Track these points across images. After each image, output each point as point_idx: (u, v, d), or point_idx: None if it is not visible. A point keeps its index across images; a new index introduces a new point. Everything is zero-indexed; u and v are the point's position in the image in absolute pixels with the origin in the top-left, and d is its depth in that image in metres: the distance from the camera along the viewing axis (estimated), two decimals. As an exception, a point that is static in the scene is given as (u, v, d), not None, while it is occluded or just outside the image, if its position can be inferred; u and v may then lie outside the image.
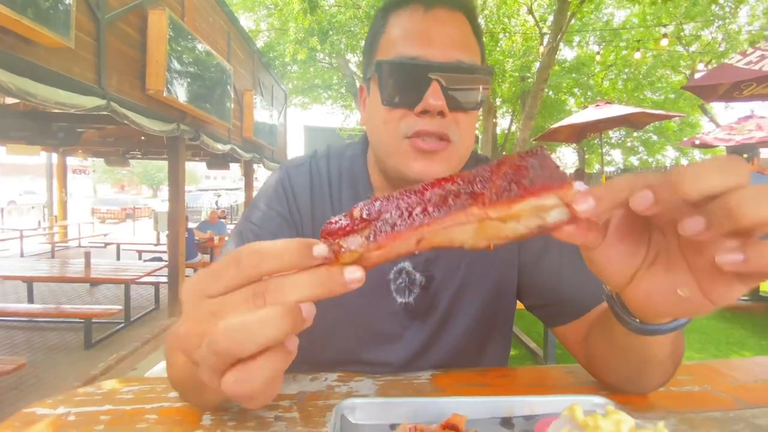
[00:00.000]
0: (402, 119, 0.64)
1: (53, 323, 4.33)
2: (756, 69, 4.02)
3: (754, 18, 12.92)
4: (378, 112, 0.66)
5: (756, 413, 0.58)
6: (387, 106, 0.64)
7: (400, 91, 0.63)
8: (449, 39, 0.63)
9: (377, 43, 0.68)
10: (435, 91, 0.60)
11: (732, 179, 0.26)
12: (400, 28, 0.65)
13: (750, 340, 3.47)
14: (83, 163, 18.27)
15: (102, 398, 0.59)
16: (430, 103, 0.60)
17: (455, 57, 0.63)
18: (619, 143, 19.14)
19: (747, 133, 7.72)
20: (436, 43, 0.62)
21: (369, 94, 0.70)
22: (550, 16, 10.96)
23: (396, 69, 0.63)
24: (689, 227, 0.27)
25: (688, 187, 0.26)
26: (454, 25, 0.65)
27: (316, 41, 11.01)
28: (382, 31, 0.68)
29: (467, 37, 0.66)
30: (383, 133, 0.66)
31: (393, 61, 0.63)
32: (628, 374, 0.59)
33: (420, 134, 0.62)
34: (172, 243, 5.08)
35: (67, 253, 9.30)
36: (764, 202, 0.25)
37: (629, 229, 0.34)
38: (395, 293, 0.73)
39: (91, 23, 3.30)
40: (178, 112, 4.67)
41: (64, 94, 2.95)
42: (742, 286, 0.30)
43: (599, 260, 0.35)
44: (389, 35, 0.66)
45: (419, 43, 0.63)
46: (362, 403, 0.53)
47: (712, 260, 0.29)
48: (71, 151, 8.59)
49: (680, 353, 0.58)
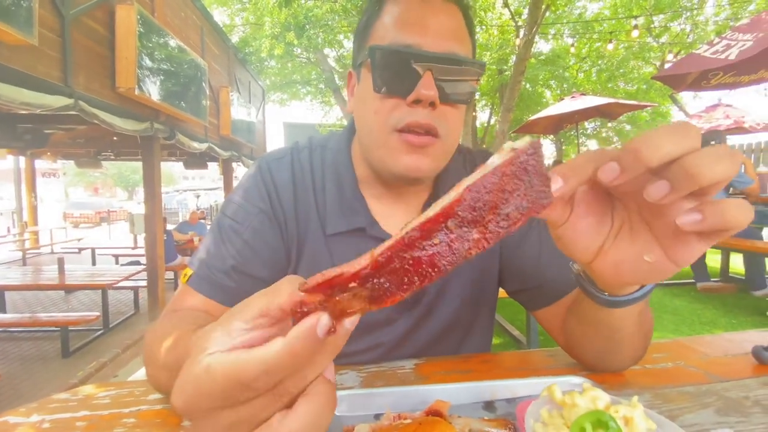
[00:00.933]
0: (393, 111, 0.63)
1: (28, 333, 4.18)
2: (722, 58, 4.16)
3: (721, 9, 13.37)
4: (368, 100, 0.65)
5: (726, 386, 0.60)
6: (378, 94, 0.63)
7: (393, 79, 0.62)
8: (445, 30, 0.63)
9: (371, 28, 0.67)
10: (428, 81, 0.60)
11: (687, 143, 0.28)
12: (396, 14, 0.64)
13: (721, 320, 3.62)
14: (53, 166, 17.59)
15: (78, 404, 0.58)
16: (422, 92, 0.60)
17: (450, 48, 0.62)
18: (594, 134, 19.59)
19: (715, 122, 8.02)
20: (431, 33, 0.62)
21: (359, 81, 0.69)
22: (525, 9, 11.09)
23: (390, 56, 0.62)
24: (654, 192, 0.29)
25: (649, 154, 0.28)
26: (450, 17, 0.64)
27: (293, 36, 10.85)
28: (376, 15, 0.67)
29: (461, 30, 0.66)
30: (373, 123, 0.65)
31: (387, 47, 0.62)
32: (602, 350, 0.60)
33: (410, 127, 0.62)
34: (149, 246, 4.95)
35: (40, 259, 8.97)
36: (719, 162, 0.27)
37: (593, 204, 0.36)
38: None
39: (55, 19, 3.16)
40: (151, 111, 4.53)
41: (28, 94, 2.82)
42: (702, 245, 0.32)
43: (567, 235, 0.37)
44: (384, 21, 0.65)
45: (415, 32, 0.62)
46: (346, 395, 0.53)
47: (672, 224, 0.31)
48: (39, 154, 8.25)
49: (649, 327, 0.60)
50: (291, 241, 0.72)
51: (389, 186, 0.72)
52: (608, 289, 0.47)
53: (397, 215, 0.74)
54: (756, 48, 3.88)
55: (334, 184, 0.74)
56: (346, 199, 0.72)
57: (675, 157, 0.28)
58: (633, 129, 18.20)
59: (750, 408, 0.54)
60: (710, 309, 3.89)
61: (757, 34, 4.06)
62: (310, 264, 0.72)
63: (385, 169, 0.67)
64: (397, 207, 0.74)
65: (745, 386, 0.60)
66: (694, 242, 0.32)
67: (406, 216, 0.74)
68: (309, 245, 0.72)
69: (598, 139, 20.09)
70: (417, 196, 0.75)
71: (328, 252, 0.72)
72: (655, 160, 0.28)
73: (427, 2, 0.64)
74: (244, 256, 0.68)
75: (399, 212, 0.74)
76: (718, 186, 0.28)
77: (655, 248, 0.34)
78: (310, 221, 0.72)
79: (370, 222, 0.71)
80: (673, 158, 0.28)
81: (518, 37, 10.97)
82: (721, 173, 0.27)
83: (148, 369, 0.55)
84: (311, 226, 0.72)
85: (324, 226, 0.72)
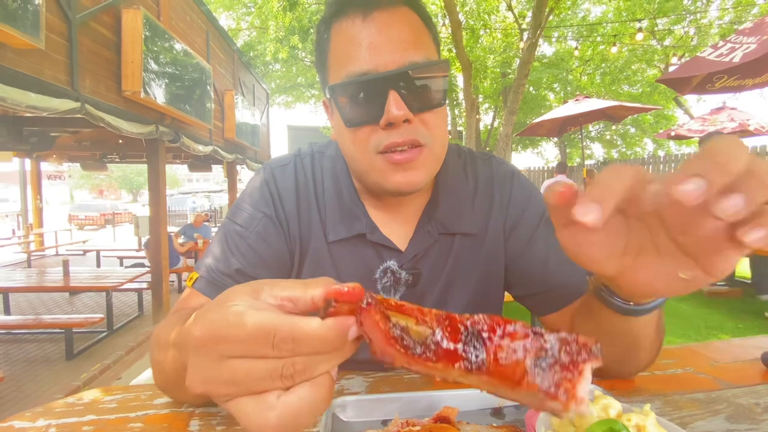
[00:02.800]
0: (370, 136, 0.62)
1: (32, 335, 4.20)
2: (727, 61, 4.14)
3: (725, 12, 13.33)
4: (344, 132, 0.65)
5: (737, 393, 0.60)
6: (351, 128, 0.63)
7: (360, 110, 0.61)
8: (396, 43, 0.60)
9: (326, 61, 0.66)
10: (396, 101, 0.58)
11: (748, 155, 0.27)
12: (343, 42, 0.62)
13: (728, 324, 3.59)
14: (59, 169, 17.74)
15: (84, 409, 0.58)
16: (392, 114, 0.58)
17: (407, 60, 0.59)
18: (598, 137, 19.53)
19: (720, 124, 7.98)
20: (383, 52, 0.59)
21: (333, 112, 0.68)
22: (529, 12, 11.10)
23: (350, 90, 0.60)
24: (730, 207, 0.27)
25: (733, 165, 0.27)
26: (398, 25, 0.61)
27: (297, 39, 10.92)
28: (327, 47, 0.65)
29: (414, 33, 0.62)
30: (354, 151, 0.65)
31: (345, 83, 0.60)
32: (618, 357, 0.59)
33: (391, 147, 0.61)
34: (154, 248, 4.97)
35: (45, 261, 9.02)
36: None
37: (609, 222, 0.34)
38: (382, 292, 0.72)
39: (62, 23, 3.19)
40: (156, 114, 4.56)
41: (35, 97, 2.85)
42: (740, 255, 0.31)
43: (585, 252, 0.36)
44: (335, 52, 0.64)
45: (366, 55, 0.59)
46: (353, 401, 0.52)
47: (706, 238, 0.30)
48: (45, 156, 8.32)
49: (663, 331, 0.60)
50: (294, 246, 0.73)
51: (387, 197, 0.72)
52: (635, 299, 0.47)
53: (397, 220, 0.74)
54: (760, 51, 3.86)
55: (333, 191, 0.74)
56: (345, 205, 0.73)
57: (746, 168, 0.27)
58: (637, 132, 18.14)
59: (760, 415, 0.54)
60: (717, 313, 3.86)
61: (761, 37, 4.04)
62: (313, 269, 0.72)
63: (379, 189, 0.67)
64: (396, 212, 0.74)
65: (755, 393, 0.60)
66: (733, 254, 0.31)
67: (406, 221, 0.74)
68: (312, 251, 0.73)
69: (602, 142, 20.02)
70: (416, 200, 0.74)
71: (331, 258, 0.72)
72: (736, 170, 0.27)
73: (370, 18, 0.61)
74: (249, 260, 0.69)
75: (399, 217, 0.74)
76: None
77: (689, 265, 0.34)
78: (313, 227, 0.73)
79: (371, 227, 0.72)
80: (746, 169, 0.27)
81: (522, 40, 10.98)
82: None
83: (155, 355, 0.54)
84: (314, 232, 0.73)
85: (326, 233, 0.72)
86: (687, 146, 14.99)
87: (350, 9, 0.62)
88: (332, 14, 0.65)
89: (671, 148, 17.40)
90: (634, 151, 19.20)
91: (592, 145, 19.95)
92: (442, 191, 0.74)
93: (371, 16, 0.61)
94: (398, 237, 0.73)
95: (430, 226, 0.73)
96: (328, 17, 0.65)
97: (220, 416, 0.55)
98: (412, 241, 0.73)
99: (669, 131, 10.10)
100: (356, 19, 0.61)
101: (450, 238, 0.74)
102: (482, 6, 11.19)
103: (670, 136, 9.86)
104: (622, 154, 19.30)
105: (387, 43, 0.60)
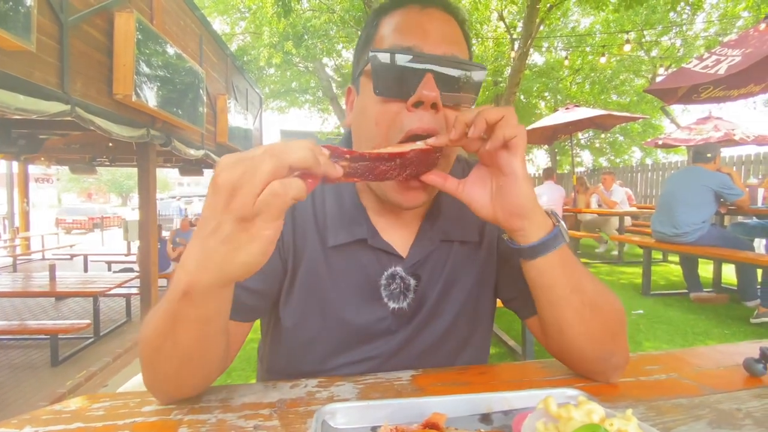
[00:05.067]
0: (394, 118, 0.62)
1: (17, 341, 4.11)
2: (712, 72, 4.25)
3: (710, 24, 13.68)
4: (369, 107, 0.65)
5: (719, 398, 0.61)
6: (379, 97, 0.63)
7: (394, 82, 0.61)
8: (444, 34, 0.64)
9: (371, 41, 0.68)
10: (429, 82, 0.59)
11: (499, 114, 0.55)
12: (395, 23, 0.66)
13: (714, 330, 3.64)
14: (47, 172, 17.46)
15: (71, 416, 0.57)
16: (423, 94, 0.59)
17: (450, 51, 0.63)
18: (588, 145, 19.81)
19: (706, 134, 8.15)
20: (431, 37, 0.63)
21: (359, 93, 0.69)
22: (520, 22, 11.27)
23: (390, 59, 0.61)
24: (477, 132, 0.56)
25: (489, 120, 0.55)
26: (448, 25, 0.66)
27: (291, 45, 10.94)
28: (374, 31, 0.68)
29: (460, 38, 0.67)
30: (374, 134, 0.64)
31: (387, 50, 0.62)
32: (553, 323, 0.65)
33: (412, 133, 0.61)
34: (143, 253, 4.91)
35: (31, 266, 8.85)
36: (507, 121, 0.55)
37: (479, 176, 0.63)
38: (388, 299, 0.72)
39: (53, 26, 3.16)
40: (147, 117, 4.53)
41: (24, 100, 2.81)
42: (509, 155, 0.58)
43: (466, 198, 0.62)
44: (382, 32, 0.66)
45: (415, 35, 0.63)
46: (343, 408, 0.53)
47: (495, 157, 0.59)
48: (33, 159, 8.19)
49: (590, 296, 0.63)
50: (287, 254, 0.72)
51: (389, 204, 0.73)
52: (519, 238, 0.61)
53: (398, 224, 0.74)
54: (744, 63, 3.97)
55: (333, 196, 0.74)
56: (346, 210, 0.72)
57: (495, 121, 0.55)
58: (626, 140, 18.43)
59: (742, 420, 0.55)
60: (703, 319, 3.92)
61: (745, 49, 4.16)
62: (308, 276, 0.71)
63: (385, 199, 0.68)
64: (398, 219, 0.74)
65: (737, 398, 0.61)
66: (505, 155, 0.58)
67: (407, 226, 0.74)
68: (307, 258, 0.71)
69: (591, 150, 20.30)
70: (418, 209, 0.75)
71: (327, 264, 0.71)
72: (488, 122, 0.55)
73: (426, 11, 0.65)
74: None
75: (400, 221, 0.74)
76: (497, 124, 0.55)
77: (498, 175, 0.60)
78: (308, 234, 0.72)
79: (372, 232, 0.71)
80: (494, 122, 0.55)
81: (513, 49, 11.15)
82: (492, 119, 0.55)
83: (144, 333, 0.56)
84: (309, 239, 0.72)
85: (324, 238, 0.71)
86: (675, 154, 15.29)
87: (408, 3, 0.66)
88: (389, 6, 0.68)
89: (659, 156, 17.72)
90: (623, 159, 19.51)
91: (581, 152, 20.23)
92: (444, 198, 0.75)
93: (428, 10, 0.66)
94: (399, 242, 0.73)
95: (431, 233, 0.74)
96: (384, 8, 0.69)
97: (209, 423, 0.55)
98: (413, 248, 0.73)
99: (656, 140, 10.30)
100: (413, 9, 0.66)
101: (449, 244, 0.75)
102: (474, 15, 11.33)
103: (657, 144, 10.05)
104: (611, 162, 19.60)
105: (436, 31, 0.64)
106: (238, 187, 0.41)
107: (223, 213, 0.43)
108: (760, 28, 4.27)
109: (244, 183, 0.41)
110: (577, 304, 0.62)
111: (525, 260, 0.63)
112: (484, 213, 0.62)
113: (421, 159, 0.58)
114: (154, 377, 0.58)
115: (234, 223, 0.43)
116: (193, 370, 0.57)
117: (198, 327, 0.52)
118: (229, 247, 0.44)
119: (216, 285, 0.47)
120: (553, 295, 0.62)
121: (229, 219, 0.42)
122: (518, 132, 0.55)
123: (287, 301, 0.72)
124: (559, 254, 0.61)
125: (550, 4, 8.28)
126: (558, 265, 0.61)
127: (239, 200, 0.41)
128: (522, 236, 0.61)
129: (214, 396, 0.63)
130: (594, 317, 0.63)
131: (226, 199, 0.42)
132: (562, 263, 0.61)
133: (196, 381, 0.60)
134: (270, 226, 0.43)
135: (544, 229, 0.61)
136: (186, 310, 0.49)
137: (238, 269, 0.45)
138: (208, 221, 0.44)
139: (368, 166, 0.54)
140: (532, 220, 0.60)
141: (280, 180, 0.42)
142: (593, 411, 0.38)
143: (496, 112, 0.55)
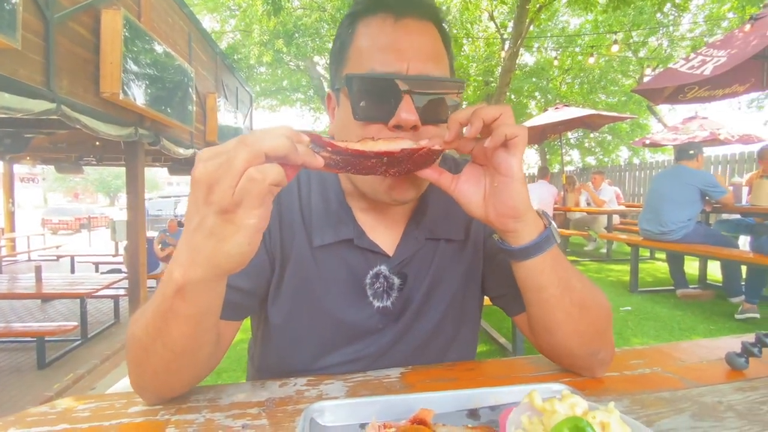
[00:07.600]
0: (375, 135, 0.62)
1: (2, 343, 4.02)
2: (698, 73, 4.32)
3: (696, 25, 13.91)
4: (349, 126, 0.65)
5: (702, 392, 0.62)
6: (359, 121, 0.63)
7: (372, 106, 0.62)
8: (420, 52, 0.63)
9: (346, 52, 0.67)
10: (407, 105, 0.60)
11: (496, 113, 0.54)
12: (370, 38, 0.64)
13: (700, 326, 3.71)
14: (32, 171, 17.14)
15: (56, 417, 0.56)
16: (402, 117, 0.60)
17: (426, 70, 0.62)
18: (577, 144, 20.03)
19: (691, 133, 8.29)
20: (407, 57, 0.62)
21: (338, 104, 0.69)
22: (510, 22, 11.34)
23: (367, 83, 0.62)
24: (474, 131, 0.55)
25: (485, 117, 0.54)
26: (425, 37, 0.65)
27: (282, 43, 10.88)
28: (350, 40, 0.67)
29: (437, 49, 0.66)
30: None
31: (364, 75, 0.62)
32: (543, 323, 0.65)
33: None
34: (131, 253, 4.85)
35: (16, 267, 8.67)
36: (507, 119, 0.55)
37: (473, 174, 0.62)
38: (372, 298, 0.72)
39: (39, 23, 3.10)
40: (135, 116, 4.47)
41: (9, 98, 2.76)
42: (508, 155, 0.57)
43: (458, 195, 0.61)
44: (358, 45, 0.65)
45: (390, 56, 0.62)
46: (331, 405, 0.53)
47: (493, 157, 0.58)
48: (19, 158, 8.03)
49: (578, 295, 0.63)
50: (275, 248, 0.71)
51: (376, 201, 0.73)
52: (510, 240, 0.61)
53: (383, 224, 0.74)
54: (729, 64, 4.04)
55: (320, 196, 0.74)
56: (332, 210, 0.72)
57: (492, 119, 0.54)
58: (614, 139, 18.67)
59: (723, 413, 0.56)
60: (689, 315, 3.99)
61: (730, 50, 4.24)
62: (296, 274, 0.71)
63: (373, 196, 0.68)
64: (384, 218, 0.74)
65: (719, 391, 0.62)
66: (503, 154, 0.57)
67: (393, 225, 0.75)
68: (294, 257, 0.71)
69: (581, 149, 20.52)
70: (404, 205, 0.75)
71: (315, 263, 0.71)
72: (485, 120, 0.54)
73: (401, 23, 0.63)
74: None
75: (386, 221, 0.74)
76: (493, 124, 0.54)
77: (494, 175, 0.59)
78: (296, 233, 0.72)
79: (358, 233, 0.72)
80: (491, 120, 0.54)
81: (504, 49, 11.21)
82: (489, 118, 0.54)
83: (133, 330, 0.56)
84: (296, 238, 0.72)
85: (310, 238, 0.71)
86: (662, 153, 15.53)
87: (382, 10, 0.65)
88: (362, 10, 0.67)
89: (646, 155, 17.97)
90: (611, 158, 19.75)
91: (571, 151, 20.44)
92: (430, 197, 0.75)
93: (403, 21, 0.64)
94: (385, 242, 0.73)
95: (417, 232, 0.74)
96: (358, 13, 0.67)
97: (197, 423, 0.54)
98: (399, 247, 0.73)
99: (644, 139, 10.46)
100: (387, 20, 0.64)
101: (435, 242, 0.76)
102: (465, 15, 11.38)
103: (645, 144, 10.20)
104: (600, 161, 19.83)
105: (413, 49, 0.63)
106: (216, 179, 0.42)
107: (205, 206, 0.43)
108: (745, 29, 4.35)
109: (221, 175, 0.42)
110: (567, 304, 0.62)
111: (515, 261, 0.62)
112: (476, 212, 0.61)
113: (415, 160, 0.57)
114: (143, 376, 0.58)
115: (216, 216, 0.43)
116: (183, 367, 0.57)
117: (190, 323, 0.52)
118: (214, 239, 0.44)
119: (208, 279, 0.47)
120: (543, 295, 0.62)
121: (211, 212, 0.43)
122: (520, 132, 0.55)
123: (275, 298, 0.72)
124: (550, 255, 0.61)
125: (540, 5, 8.35)
126: (549, 266, 0.61)
127: (218, 192, 0.42)
128: (514, 238, 0.60)
129: (202, 396, 0.62)
130: (582, 316, 0.63)
131: (206, 193, 0.43)
132: (552, 264, 0.61)
133: (186, 379, 0.60)
134: (253, 214, 0.43)
135: (536, 231, 0.60)
136: (178, 307, 0.49)
137: (227, 261, 0.45)
138: (193, 216, 0.45)
139: (352, 160, 0.53)
140: (525, 221, 0.59)
141: (255, 166, 0.42)
142: (576, 404, 0.39)
143: (493, 110, 0.54)
